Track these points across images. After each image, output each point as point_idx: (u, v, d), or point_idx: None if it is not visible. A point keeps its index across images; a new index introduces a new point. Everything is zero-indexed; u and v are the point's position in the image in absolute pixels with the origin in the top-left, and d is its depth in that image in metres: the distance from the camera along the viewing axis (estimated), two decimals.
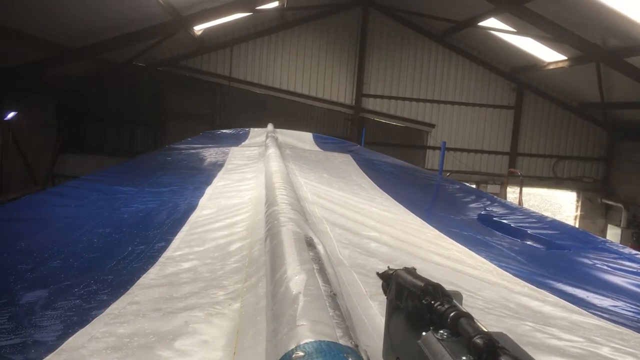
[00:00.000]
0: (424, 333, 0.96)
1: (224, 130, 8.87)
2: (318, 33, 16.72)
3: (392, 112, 17.06)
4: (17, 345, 1.40)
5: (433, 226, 3.43)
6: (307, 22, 16.60)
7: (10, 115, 11.60)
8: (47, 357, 1.28)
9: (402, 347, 1.06)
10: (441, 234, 3.25)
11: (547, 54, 14.05)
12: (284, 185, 2.77)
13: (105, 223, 2.83)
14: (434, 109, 17.10)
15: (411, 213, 3.80)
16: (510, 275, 2.52)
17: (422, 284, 1.03)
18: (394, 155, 9.28)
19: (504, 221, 4.03)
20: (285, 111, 16.31)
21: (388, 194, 4.49)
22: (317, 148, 7.61)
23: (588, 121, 16.92)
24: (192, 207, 3.11)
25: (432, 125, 17.09)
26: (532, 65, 15.41)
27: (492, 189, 15.91)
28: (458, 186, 6.03)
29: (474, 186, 14.60)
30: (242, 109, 16.40)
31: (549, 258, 3.22)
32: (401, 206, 4.02)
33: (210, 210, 3.01)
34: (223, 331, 1.37)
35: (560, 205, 17.56)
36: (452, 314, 0.95)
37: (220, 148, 6.12)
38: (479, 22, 13.50)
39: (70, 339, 1.37)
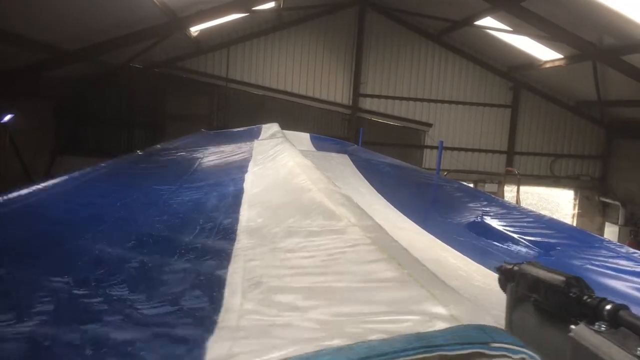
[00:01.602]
0: (572, 326, 0.95)
1: (236, 129, 8.95)
2: (315, 33, 16.72)
3: (389, 112, 17.07)
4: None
5: (428, 231, 3.44)
6: (304, 22, 16.60)
7: (8, 117, 11.58)
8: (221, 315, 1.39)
9: (533, 340, 1.05)
10: (436, 239, 3.26)
11: (544, 53, 14.08)
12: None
13: (160, 213, 2.86)
14: (431, 108, 17.12)
15: (407, 219, 3.80)
16: None
17: (564, 278, 1.03)
18: (391, 154, 9.28)
19: (499, 228, 4.02)
20: (282, 112, 16.30)
21: (384, 197, 4.49)
22: (314, 149, 7.61)
23: (585, 119, 16.96)
24: (240, 191, 3.16)
25: (430, 125, 17.11)
26: (528, 64, 15.44)
27: (489, 187, 15.93)
28: (456, 185, 6.04)
29: (471, 185, 14.62)
30: (239, 109, 16.40)
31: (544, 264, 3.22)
32: (397, 211, 4.02)
33: (259, 189, 3.10)
34: None
35: (557, 203, 17.59)
36: (608, 307, 0.93)
37: (239, 144, 6.15)
38: (476, 21, 13.52)
39: (227, 297, 1.50)
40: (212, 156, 5.19)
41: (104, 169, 4.22)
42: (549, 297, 1.05)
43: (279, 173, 3.32)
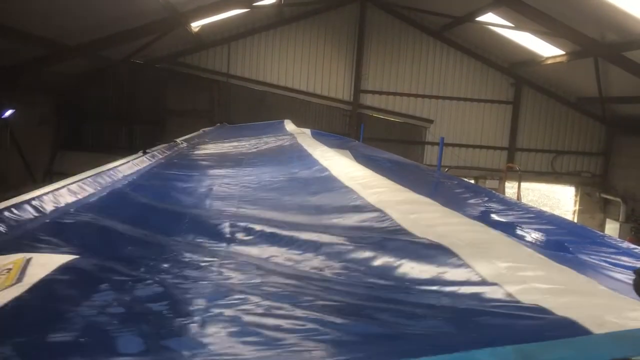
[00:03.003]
0: None
1: (256, 123, 9.25)
2: (316, 29, 16.69)
3: (390, 108, 17.05)
4: None
5: None
6: (305, 18, 16.57)
7: (9, 112, 11.59)
8: None
9: None
10: None
11: (546, 49, 14.05)
12: None
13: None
14: (432, 105, 17.10)
15: None
16: None
17: None
18: (392, 151, 9.27)
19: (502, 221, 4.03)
20: (283, 107, 16.28)
21: None
22: None
23: (586, 116, 16.93)
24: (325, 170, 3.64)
25: (431, 121, 17.09)
26: (530, 60, 15.41)
27: (490, 184, 15.92)
28: (456, 182, 6.04)
29: (472, 181, 14.61)
30: (240, 105, 16.38)
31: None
32: None
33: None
34: None
35: (558, 200, 17.59)
36: None
37: (274, 136, 6.57)
38: (477, 17, 13.49)
39: None
40: (262, 146, 5.65)
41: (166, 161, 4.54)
42: None
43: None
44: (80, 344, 1.21)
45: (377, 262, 1.75)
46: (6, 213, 2.10)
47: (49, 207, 2.36)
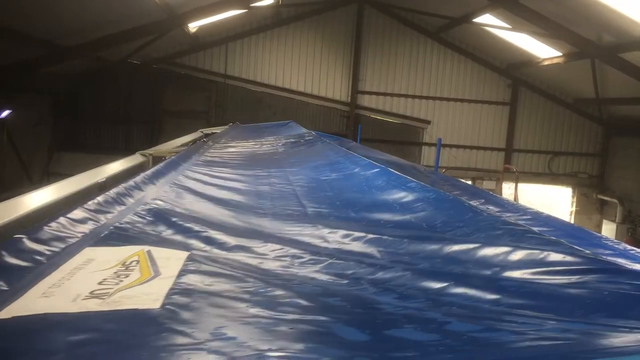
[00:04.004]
0: None
1: (267, 124, 9.44)
2: (313, 30, 16.69)
3: (387, 109, 17.06)
4: None
5: None
6: (302, 19, 16.57)
7: (5, 113, 11.56)
8: None
9: None
10: None
11: (542, 50, 14.08)
12: None
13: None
14: (429, 106, 17.11)
15: None
16: None
17: None
18: (389, 151, 9.27)
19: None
20: (280, 108, 16.30)
21: None
22: None
23: (583, 117, 16.97)
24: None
25: (428, 122, 17.11)
26: (527, 61, 15.44)
27: (487, 185, 15.94)
28: (453, 183, 6.03)
29: (469, 182, 14.62)
30: (237, 106, 16.37)
31: None
32: None
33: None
34: None
35: (555, 201, 17.61)
36: None
37: (292, 135, 6.75)
38: (474, 18, 13.51)
39: None
40: (293, 148, 5.77)
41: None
42: None
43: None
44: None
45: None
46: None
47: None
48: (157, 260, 1.57)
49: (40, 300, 1.25)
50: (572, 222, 15.50)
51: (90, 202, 2.05)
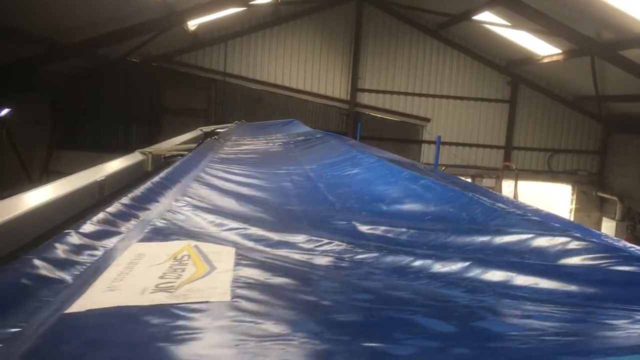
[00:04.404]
0: None
1: (273, 122, 9.42)
2: (312, 28, 16.68)
3: (387, 107, 17.06)
4: None
5: None
6: (302, 17, 16.56)
7: (4, 111, 11.55)
8: None
9: None
10: None
11: (542, 48, 14.07)
12: None
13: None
14: (429, 103, 17.11)
15: None
16: None
17: None
18: (389, 149, 9.24)
19: None
20: (280, 106, 16.30)
21: None
22: None
23: (583, 114, 16.97)
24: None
25: (427, 120, 17.10)
26: (526, 58, 15.43)
27: (487, 182, 15.95)
28: (453, 180, 6.05)
29: (469, 180, 14.63)
30: (237, 104, 16.37)
31: None
32: None
33: None
34: None
35: (555, 198, 17.61)
36: None
37: (300, 133, 6.77)
38: (474, 15, 13.50)
39: None
40: (311, 146, 5.74)
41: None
42: None
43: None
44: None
45: None
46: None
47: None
48: (208, 255, 1.57)
49: (107, 294, 1.26)
50: (572, 219, 15.49)
51: (124, 199, 2.06)
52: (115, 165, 3.87)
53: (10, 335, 1.02)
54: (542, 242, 1.81)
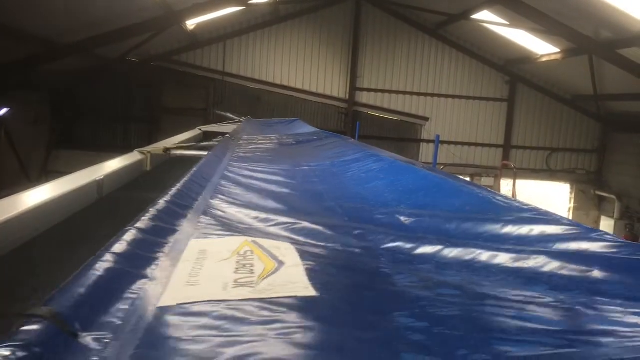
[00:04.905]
0: None
1: (277, 120, 9.53)
2: (311, 27, 16.68)
3: (385, 106, 17.07)
4: None
5: None
6: (300, 16, 16.56)
7: (3, 111, 11.55)
8: None
9: None
10: None
11: (540, 47, 14.08)
12: None
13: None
14: (427, 102, 17.12)
15: None
16: None
17: None
18: (388, 148, 9.23)
19: None
20: (279, 106, 16.30)
21: None
22: None
23: (581, 113, 16.99)
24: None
25: (426, 119, 17.11)
26: (525, 58, 15.45)
27: (486, 181, 15.97)
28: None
29: (468, 179, 14.64)
30: (236, 104, 16.36)
31: None
32: None
33: None
34: None
35: (553, 197, 17.64)
36: None
37: (307, 132, 6.82)
38: (472, 14, 13.51)
39: None
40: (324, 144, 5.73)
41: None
42: None
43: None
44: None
45: None
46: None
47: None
48: (270, 250, 1.57)
49: (190, 288, 1.27)
50: (570, 218, 15.50)
51: (167, 197, 2.05)
52: (114, 164, 3.87)
53: (113, 328, 1.03)
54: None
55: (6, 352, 0.82)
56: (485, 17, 13.39)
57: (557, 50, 13.60)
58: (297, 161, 4.29)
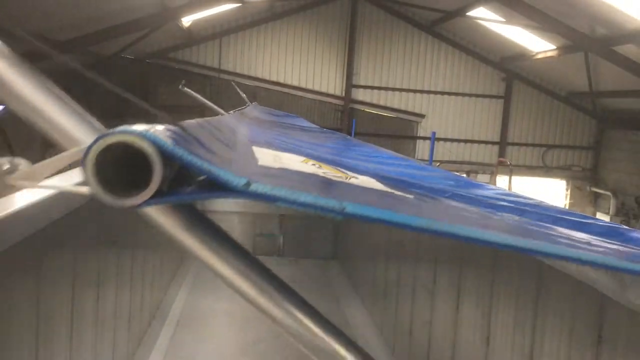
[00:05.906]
0: None
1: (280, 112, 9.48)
2: (307, 24, 16.66)
3: (382, 103, 17.06)
4: None
5: None
6: (296, 13, 16.53)
7: None
8: None
9: None
10: None
11: (536, 44, 14.10)
12: None
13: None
14: (423, 99, 17.12)
15: None
16: None
17: None
18: (384, 145, 9.22)
19: None
20: (275, 103, 16.22)
21: None
22: None
23: (577, 110, 17.02)
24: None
25: (422, 116, 17.12)
26: (521, 54, 15.46)
27: (482, 178, 15.99)
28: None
29: (464, 176, 14.66)
30: (232, 100, 16.31)
31: None
32: None
33: None
34: None
35: (549, 193, 17.68)
36: None
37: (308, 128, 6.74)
38: (468, 11, 13.51)
39: None
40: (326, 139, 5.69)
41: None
42: None
43: None
44: None
45: None
46: None
47: None
48: (338, 169, 1.61)
49: (277, 164, 1.34)
50: None
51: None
52: None
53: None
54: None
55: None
56: (481, 13, 13.39)
57: (553, 47, 13.62)
58: (320, 141, 4.25)
